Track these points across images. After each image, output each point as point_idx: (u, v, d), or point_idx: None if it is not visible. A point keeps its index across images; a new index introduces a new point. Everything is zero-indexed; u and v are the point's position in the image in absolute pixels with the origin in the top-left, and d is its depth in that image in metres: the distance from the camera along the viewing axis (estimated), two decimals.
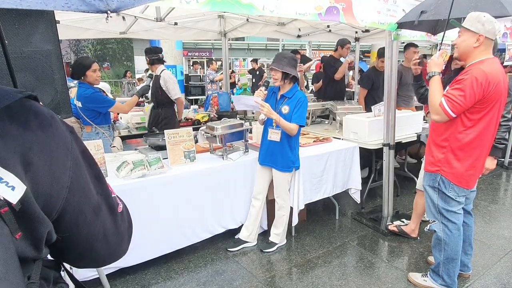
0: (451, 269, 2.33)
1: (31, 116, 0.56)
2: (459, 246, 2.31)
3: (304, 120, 2.74)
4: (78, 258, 0.71)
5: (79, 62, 3.25)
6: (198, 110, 5.38)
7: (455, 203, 2.26)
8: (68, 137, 0.61)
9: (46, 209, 0.55)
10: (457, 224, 2.29)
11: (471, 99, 2.02)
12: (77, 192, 0.61)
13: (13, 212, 0.49)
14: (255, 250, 3.04)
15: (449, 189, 2.24)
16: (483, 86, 1.99)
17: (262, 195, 3.01)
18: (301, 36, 5.73)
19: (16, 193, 0.48)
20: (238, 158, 3.01)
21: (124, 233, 0.75)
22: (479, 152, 2.18)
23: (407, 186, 4.44)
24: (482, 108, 2.07)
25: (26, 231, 0.52)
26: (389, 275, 2.68)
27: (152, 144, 3.18)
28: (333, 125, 4.41)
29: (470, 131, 2.12)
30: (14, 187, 0.48)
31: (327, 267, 2.79)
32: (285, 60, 2.67)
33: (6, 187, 0.47)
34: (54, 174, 0.56)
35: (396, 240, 3.20)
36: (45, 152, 0.55)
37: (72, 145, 0.61)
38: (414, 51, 4.62)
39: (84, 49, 14.23)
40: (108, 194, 0.71)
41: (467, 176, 2.21)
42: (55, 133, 0.58)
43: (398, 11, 3.01)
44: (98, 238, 0.68)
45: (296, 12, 2.40)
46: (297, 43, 15.92)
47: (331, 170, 3.35)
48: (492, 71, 2.04)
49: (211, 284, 2.59)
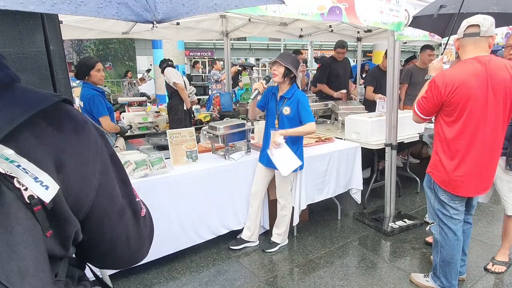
0: (448, 272, 2.31)
1: (65, 119, 0.58)
2: (456, 251, 2.26)
3: (313, 116, 2.72)
4: (99, 259, 0.73)
5: (83, 62, 3.26)
6: (200, 110, 5.39)
7: (449, 207, 2.22)
8: (99, 141, 0.63)
9: (74, 209, 0.57)
10: (453, 229, 2.24)
11: (431, 101, 2.08)
12: (104, 195, 0.62)
13: (45, 211, 0.51)
14: (257, 250, 3.04)
15: (441, 193, 2.22)
16: (439, 89, 2.02)
17: (260, 195, 3.01)
18: (303, 36, 5.72)
19: (49, 192, 0.50)
20: (240, 158, 3.01)
21: (145, 237, 0.77)
22: (462, 155, 2.07)
23: (409, 186, 4.43)
24: (451, 110, 2.04)
25: (56, 230, 0.54)
26: (391, 276, 2.67)
27: (155, 144, 3.18)
28: (335, 125, 4.40)
29: (449, 134, 2.09)
30: (48, 187, 0.50)
31: (329, 267, 2.79)
32: (289, 58, 2.68)
33: (40, 186, 0.49)
34: (84, 176, 0.58)
35: (398, 241, 3.19)
36: (77, 155, 0.57)
37: (102, 149, 0.63)
38: (429, 54, 4.60)
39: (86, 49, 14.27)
40: (133, 198, 0.72)
41: (454, 181, 2.13)
42: (87, 137, 0.60)
43: (400, 11, 3.00)
44: (120, 241, 0.69)
45: (298, 12, 2.40)
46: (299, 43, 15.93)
47: (333, 170, 3.35)
48: (454, 73, 2.01)
49: (213, 284, 2.59)
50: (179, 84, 4.76)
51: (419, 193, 4.33)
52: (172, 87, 4.83)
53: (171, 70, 4.87)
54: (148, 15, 0.50)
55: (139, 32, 4.76)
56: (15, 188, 0.48)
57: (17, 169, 0.48)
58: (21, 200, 0.48)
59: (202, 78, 11.48)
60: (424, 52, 4.64)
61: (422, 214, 3.66)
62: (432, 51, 4.62)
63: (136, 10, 0.49)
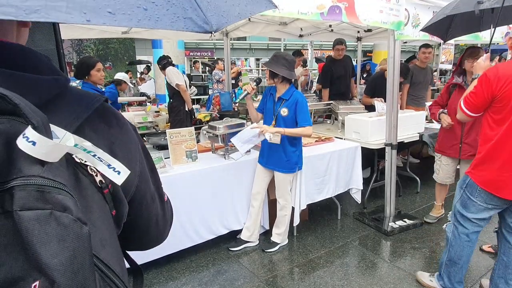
0: (452, 272, 2.29)
1: (111, 116, 0.66)
2: (464, 252, 2.22)
3: (310, 119, 2.72)
4: (137, 239, 0.82)
5: (83, 62, 3.26)
6: (200, 109, 5.38)
7: (475, 209, 2.12)
8: (135, 134, 0.72)
9: (124, 193, 0.66)
10: (467, 230, 2.18)
11: (481, 97, 2.00)
12: (143, 181, 0.72)
13: (110, 194, 0.60)
14: (257, 250, 3.04)
15: (476, 194, 2.10)
16: (491, 82, 1.94)
17: (260, 195, 3.00)
18: (303, 36, 5.72)
19: (121, 176, 0.57)
20: (239, 158, 3.00)
21: (168, 219, 0.86)
22: (508, 156, 1.96)
23: (409, 186, 4.42)
24: (501, 107, 1.95)
25: (115, 210, 0.64)
26: (391, 275, 2.67)
27: (154, 144, 3.18)
28: (335, 124, 4.40)
29: (496, 132, 2.00)
30: (120, 172, 0.57)
31: (329, 267, 2.79)
32: (283, 62, 2.63)
33: (113, 171, 0.57)
34: (130, 164, 0.66)
35: (398, 240, 3.19)
36: (124, 146, 0.66)
37: (138, 140, 0.73)
38: (423, 51, 4.63)
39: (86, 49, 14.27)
40: (160, 184, 0.82)
41: (496, 182, 2.01)
42: (128, 130, 0.69)
43: (400, 10, 3.00)
44: (152, 222, 0.79)
45: (298, 12, 2.39)
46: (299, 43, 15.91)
47: (333, 170, 3.34)
48: (509, 67, 1.93)
49: (212, 284, 2.59)
50: (182, 85, 4.80)
51: (419, 192, 4.32)
52: (173, 87, 4.84)
53: (173, 70, 4.87)
54: (207, 27, 0.59)
55: (139, 32, 4.75)
56: (89, 175, 0.56)
57: (93, 158, 0.55)
58: (93, 184, 0.56)
59: (202, 78, 11.48)
60: (419, 51, 4.66)
61: (422, 214, 3.65)
62: (426, 48, 4.63)
63: (198, 23, 0.58)
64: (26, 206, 0.43)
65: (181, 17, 0.57)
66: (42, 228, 0.43)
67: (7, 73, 0.51)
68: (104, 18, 0.48)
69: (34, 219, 0.43)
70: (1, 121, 0.46)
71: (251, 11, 0.78)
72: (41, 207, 0.44)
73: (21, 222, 0.42)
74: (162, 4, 0.55)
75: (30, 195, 0.43)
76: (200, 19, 0.59)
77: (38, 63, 0.58)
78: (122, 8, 0.50)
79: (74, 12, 0.46)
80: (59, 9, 0.45)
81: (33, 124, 0.45)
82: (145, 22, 0.52)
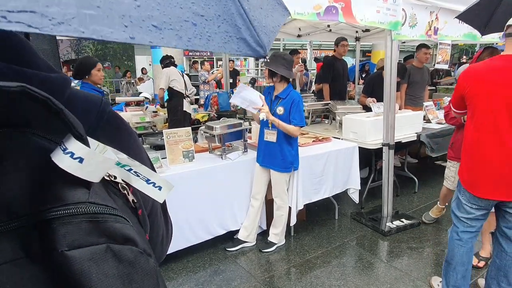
0: (447, 273, 2.28)
1: (120, 121, 0.55)
2: (456, 252, 2.21)
3: (303, 120, 2.73)
4: None
5: (84, 61, 3.26)
6: (198, 109, 5.38)
7: (463, 210, 2.15)
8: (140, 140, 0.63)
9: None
10: (458, 229, 2.19)
11: (456, 93, 2.12)
12: None
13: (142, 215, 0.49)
14: (254, 250, 3.04)
15: (462, 193, 2.14)
16: (461, 80, 2.07)
17: (260, 195, 3.00)
18: (301, 36, 5.72)
19: (163, 193, 0.47)
20: (236, 158, 3.00)
21: (170, 236, 0.76)
22: (479, 153, 1.98)
23: (407, 186, 4.42)
24: (469, 105, 2.03)
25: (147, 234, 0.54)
26: (388, 275, 2.67)
27: (151, 144, 3.18)
28: (333, 124, 4.40)
29: (469, 130, 2.06)
30: (161, 187, 0.47)
31: (326, 267, 2.79)
32: (281, 61, 2.66)
33: (153, 187, 0.46)
34: None
35: (395, 240, 3.19)
36: (138, 155, 0.54)
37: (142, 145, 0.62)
38: (425, 52, 4.59)
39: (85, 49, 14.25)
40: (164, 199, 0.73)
41: (471, 181, 2.05)
42: (136, 137, 0.59)
43: (398, 10, 2.99)
44: (159, 241, 0.68)
45: (294, 12, 2.39)
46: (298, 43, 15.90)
47: (330, 170, 3.34)
48: (476, 67, 2.02)
49: (209, 284, 2.58)
50: (161, 90, 4.94)
51: (417, 192, 4.33)
52: (171, 87, 4.85)
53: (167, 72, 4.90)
54: (261, 51, 0.53)
55: None
56: (121, 194, 0.45)
57: (128, 174, 0.44)
58: (127, 205, 0.45)
59: None
60: (420, 51, 4.65)
61: (420, 214, 3.65)
62: (428, 49, 4.62)
63: (252, 45, 0.52)
64: (76, 243, 0.33)
65: (234, 37, 0.50)
66: (99, 269, 0.34)
67: (15, 70, 0.39)
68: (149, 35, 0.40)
69: (89, 258, 0.33)
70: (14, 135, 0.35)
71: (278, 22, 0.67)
72: (95, 242, 0.34)
73: (73, 265, 0.33)
74: (212, 19, 0.48)
75: (79, 228, 0.34)
76: (253, 40, 0.53)
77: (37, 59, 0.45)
78: (169, 22, 0.42)
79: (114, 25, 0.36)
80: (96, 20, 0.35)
81: (80, 135, 0.35)
82: (196, 42, 0.45)
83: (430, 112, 4.53)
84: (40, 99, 0.33)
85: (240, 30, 0.51)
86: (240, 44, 0.51)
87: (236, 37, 0.51)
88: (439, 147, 3.99)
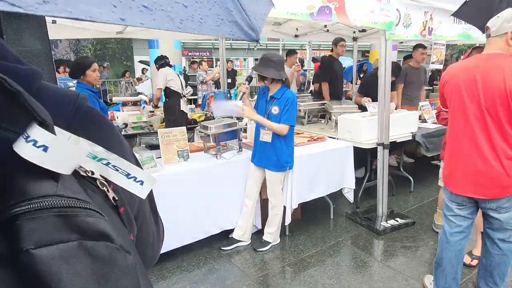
0: (436, 273, 2.27)
1: (98, 115, 0.52)
2: (444, 256, 2.20)
3: (294, 120, 2.75)
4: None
5: (78, 61, 3.28)
6: (195, 109, 5.39)
7: (447, 207, 2.18)
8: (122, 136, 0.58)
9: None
10: (446, 230, 2.20)
11: (440, 92, 2.18)
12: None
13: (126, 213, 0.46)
14: (248, 249, 3.05)
15: (445, 190, 2.19)
16: (441, 79, 2.14)
17: (254, 195, 3.01)
18: (298, 36, 5.73)
19: (145, 187, 0.44)
20: (231, 157, 3.02)
21: (162, 238, 0.71)
22: (453, 150, 2.05)
23: (403, 185, 4.43)
24: (448, 102, 2.08)
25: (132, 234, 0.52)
26: (381, 274, 2.68)
27: (146, 143, 3.19)
28: (329, 124, 4.41)
29: (448, 126, 2.14)
30: (143, 182, 0.44)
31: (320, 266, 2.80)
32: (262, 62, 2.72)
33: (134, 182, 0.43)
34: None
35: (389, 239, 3.20)
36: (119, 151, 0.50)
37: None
38: (421, 52, 4.60)
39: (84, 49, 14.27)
40: (153, 197, 0.67)
41: (447, 177, 2.12)
42: (118, 132, 0.55)
43: (391, 10, 3.01)
44: (149, 243, 0.64)
45: (288, 12, 2.41)
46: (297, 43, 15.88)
47: (325, 169, 3.35)
48: (456, 65, 2.09)
49: (203, 282, 2.60)
50: (159, 90, 4.97)
51: (413, 192, 4.34)
52: (168, 87, 4.86)
53: (164, 72, 4.92)
54: (253, 34, 0.52)
55: (134, 32, 4.76)
56: (100, 190, 0.41)
57: (106, 168, 0.41)
58: (107, 202, 0.42)
59: None
60: (417, 51, 4.66)
61: (415, 213, 3.67)
62: (424, 49, 4.64)
63: (245, 28, 0.52)
64: (43, 240, 0.30)
65: (226, 20, 0.49)
66: (71, 268, 0.30)
67: None
68: (140, 16, 0.38)
69: (58, 257, 0.30)
70: None
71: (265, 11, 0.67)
72: (65, 239, 0.31)
73: (40, 264, 0.29)
74: (203, 1, 0.46)
75: (46, 224, 0.30)
76: (245, 24, 0.51)
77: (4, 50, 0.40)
78: (159, 2, 0.40)
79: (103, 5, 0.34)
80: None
81: (43, 121, 0.32)
82: (188, 24, 0.44)
83: (425, 112, 4.54)
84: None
85: (232, 13, 0.50)
86: (232, 27, 0.50)
87: (228, 20, 0.50)
88: (434, 146, 4.00)
